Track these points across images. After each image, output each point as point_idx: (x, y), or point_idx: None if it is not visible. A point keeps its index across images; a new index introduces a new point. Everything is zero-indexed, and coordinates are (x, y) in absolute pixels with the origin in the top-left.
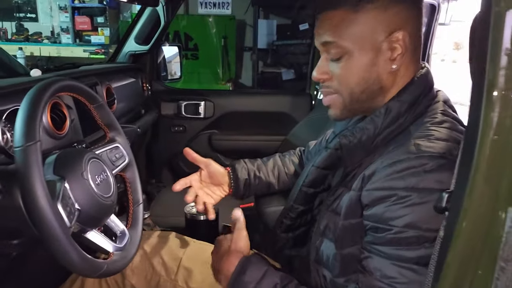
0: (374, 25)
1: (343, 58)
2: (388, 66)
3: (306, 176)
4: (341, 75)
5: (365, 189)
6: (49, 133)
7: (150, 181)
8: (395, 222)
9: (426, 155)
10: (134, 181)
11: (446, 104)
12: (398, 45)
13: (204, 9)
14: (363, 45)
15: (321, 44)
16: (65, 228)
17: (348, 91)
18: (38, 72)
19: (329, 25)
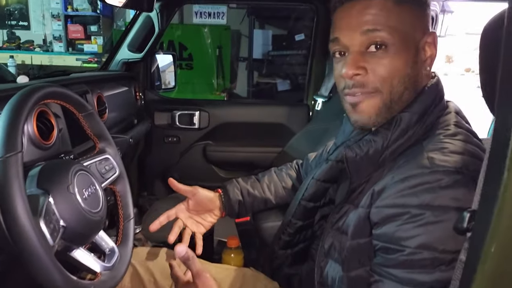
0: (414, 22)
1: (387, 50)
2: (424, 67)
3: (306, 190)
4: (383, 69)
5: (375, 206)
6: (34, 143)
7: (141, 194)
8: (408, 242)
9: (441, 170)
10: (125, 194)
11: (459, 115)
12: (431, 47)
13: (199, 19)
14: (407, 41)
15: (361, 33)
16: (47, 247)
17: (389, 88)
18: (25, 79)
19: (375, 12)
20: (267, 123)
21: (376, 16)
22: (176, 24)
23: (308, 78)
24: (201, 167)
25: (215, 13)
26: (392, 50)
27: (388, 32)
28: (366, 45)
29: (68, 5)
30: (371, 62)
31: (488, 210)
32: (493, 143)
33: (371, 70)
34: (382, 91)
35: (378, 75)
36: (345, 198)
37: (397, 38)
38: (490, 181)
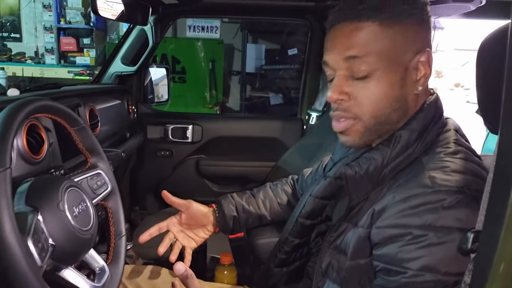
0: (405, 42)
1: (371, 76)
2: (414, 87)
3: (303, 207)
4: (367, 95)
5: (375, 226)
6: (24, 158)
7: (133, 208)
8: (410, 264)
9: (443, 190)
10: (116, 211)
11: (458, 132)
12: (423, 66)
13: (193, 33)
14: (392, 64)
15: (344, 59)
16: (35, 267)
17: (371, 114)
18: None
19: (356, 38)
20: (261, 137)
21: (361, 42)
22: (169, 37)
23: (302, 92)
24: (194, 181)
25: (209, 27)
26: (377, 75)
27: (373, 58)
28: (351, 71)
29: (61, 18)
30: (356, 87)
31: (494, 230)
32: (497, 162)
33: (354, 96)
34: (362, 118)
35: (360, 101)
36: (343, 216)
37: (382, 62)
38: (495, 201)
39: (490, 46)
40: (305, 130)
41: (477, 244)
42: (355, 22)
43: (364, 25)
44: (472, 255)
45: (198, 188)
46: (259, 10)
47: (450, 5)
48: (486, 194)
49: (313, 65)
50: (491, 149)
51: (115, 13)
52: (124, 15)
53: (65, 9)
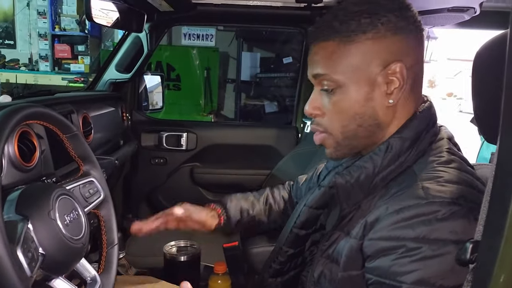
0: (369, 57)
1: (336, 92)
2: (385, 100)
3: (298, 217)
4: (333, 110)
5: (368, 238)
6: (15, 165)
7: (126, 216)
8: (404, 278)
9: (437, 201)
10: (109, 219)
11: (451, 141)
12: (395, 78)
13: (188, 41)
14: (357, 78)
15: (312, 76)
16: (24, 278)
17: (340, 129)
18: (7, 98)
19: (321, 57)
20: (256, 145)
21: (323, 60)
22: (164, 45)
23: (297, 100)
24: (188, 189)
25: (204, 35)
26: (341, 91)
27: (336, 75)
28: (319, 86)
29: (55, 25)
30: (326, 102)
31: (493, 241)
32: (497, 172)
33: (325, 111)
34: (331, 133)
35: (330, 117)
36: (335, 225)
37: (346, 78)
38: (495, 211)
39: (486, 56)
40: (299, 138)
41: (476, 254)
42: (319, 43)
43: (325, 45)
44: (471, 266)
45: (192, 196)
46: (254, 18)
47: (445, 15)
48: (485, 204)
49: None
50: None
51: (110, 20)
52: (119, 22)
53: (59, 16)
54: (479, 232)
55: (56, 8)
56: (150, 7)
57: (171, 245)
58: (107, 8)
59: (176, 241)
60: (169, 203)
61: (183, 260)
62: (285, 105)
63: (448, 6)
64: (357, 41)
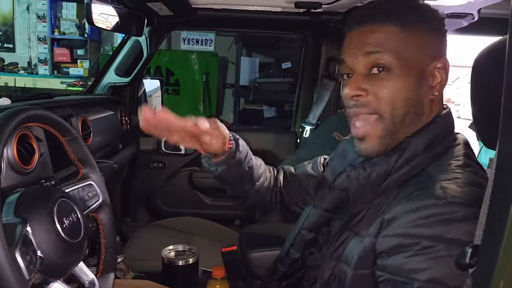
0: (423, 48)
1: (388, 73)
2: (430, 92)
3: (306, 218)
4: (384, 91)
5: (383, 234)
6: (13, 168)
7: (124, 220)
8: (418, 275)
9: (456, 202)
10: (107, 223)
11: (467, 147)
12: (439, 74)
13: (187, 45)
14: (410, 65)
15: (363, 54)
16: (22, 281)
17: (390, 111)
18: (7, 101)
19: (379, 37)
20: (255, 150)
21: (380, 40)
22: (164, 49)
23: (296, 105)
24: (186, 193)
25: (203, 40)
26: (394, 73)
27: (390, 55)
28: (369, 67)
29: (55, 29)
30: (373, 84)
31: (493, 245)
32: (496, 177)
33: (372, 92)
34: (382, 114)
35: (379, 96)
36: (344, 224)
37: (400, 61)
38: (494, 216)
39: (484, 61)
40: (298, 143)
41: (475, 259)
42: (373, 25)
43: (381, 27)
44: (470, 270)
45: (190, 200)
46: (254, 23)
47: None
48: (485, 209)
49: (307, 79)
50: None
51: (110, 24)
52: (119, 26)
53: (59, 20)
54: (479, 237)
55: (55, 12)
56: (150, 11)
57: (169, 250)
58: (108, 12)
59: (174, 246)
60: (167, 207)
61: (181, 264)
62: (284, 110)
63: (446, 12)
64: (416, 31)
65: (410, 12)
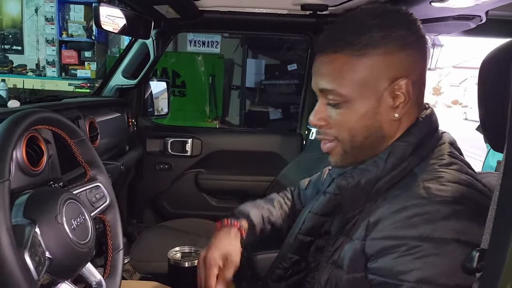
0: (377, 72)
1: (343, 105)
2: (391, 114)
3: (303, 223)
4: (341, 122)
5: (370, 237)
6: (22, 170)
7: (131, 222)
8: (406, 276)
9: (438, 200)
10: (115, 224)
11: (453, 146)
12: (401, 93)
13: (193, 47)
14: (364, 93)
15: (318, 90)
16: (31, 282)
17: (348, 138)
18: (16, 103)
19: (329, 70)
20: (260, 152)
21: (332, 73)
22: (170, 52)
23: (301, 107)
24: (192, 195)
25: (209, 42)
26: (348, 105)
27: (343, 90)
28: (325, 99)
29: (63, 31)
30: (332, 113)
31: (500, 249)
32: (504, 180)
33: (332, 121)
34: (340, 141)
35: (336, 127)
36: (339, 229)
37: (354, 93)
38: (501, 220)
39: (492, 63)
40: (304, 145)
41: (482, 263)
42: (328, 54)
43: (334, 57)
44: (477, 275)
45: (196, 202)
46: (260, 25)
47: (451, 23)
48: (492, 213)
49: None
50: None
51: (117, 26)
52: (127, 29)
53: (67, 23)
54: (486, 241)
55: (63, 15)
56: (157, 14)
57: (175, 251)
58: (115, 15)
59: (180, 247)
60: (173, 209)
61: (187, 266)
62: (290, 112)
63: (454, 14)
64: (367, 55)
65: (361, 36)
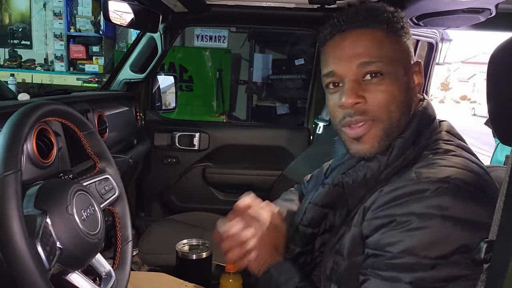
0: (406, 51)
1: (383, 78)
2: (414, 93)
3: (304, 214)
4: (380, 97)
5: (365, 219)
6: (33, 162)
7: (139, 215)
8: (392, 247)
9: (426, 181)
10: (124, 216)
11: (450, 132)
12: (416, 76)
13: (201, 42)
14: (400, 68)
15: (357, 65)
16: (43, 270)
17: (388, 115)
18: (26, 96)
19: (367, 43)
20: (268, 146)
21: (370, 48)
22: (177, 46)
23: (309, 102)
24: (200, 189)
25: (216, 36)
26: (388, 78)
27: (383, 62)
28: (362, 75)
29: (71, 26)
30: (369, 90)
31: (508, 240)
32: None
33: (370, 98)
34: (382, 118)
35: (377, 102)
36: (342, 220)
37: (392, 66)
38: (510, 211)
39: (501, 57)
40: (311, 140)
41: (490, 254)
42: (360, 29)
43: (370, 32)
44: (485, 265)
45: (204, 195)
46: (268, 19)
47: (460, 16)
48: (500, 204)
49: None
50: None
51: (125, 20)
52: (135, 22)
53: (75, 17)
54: (494, 232)
55: (71, 9)
56: (165, 7)
57: (183, 244)
58: (124, 9)
59: (188, 240)
60: (181, 202)
61: (195, 258)
62: (297, 106)
63: (463, 7)
64: (397, 34)
65: (391, 17)
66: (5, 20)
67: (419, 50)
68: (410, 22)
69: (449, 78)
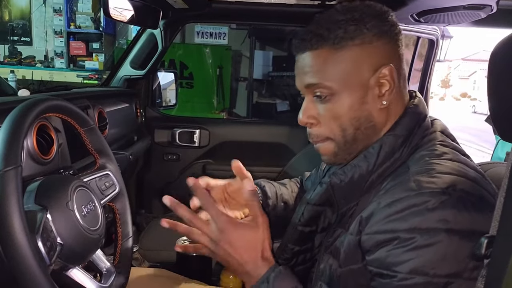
0: (359, 62)
1: (330, 99)
2: (378, 102)
3: (302, 214)
4: (330, 116)
5: (365, 233)
6: (33, 158)
7: (139, 212)
8: (399, 268)
9: (427, 192)
10: (124, 212)
11: (444, 133)
12: (386, 81)
13: (201, 39)
14: (349, 84)
15: (304, 86)
16: (43, 266)
17: (340, 133)
18: (26, 92)
19: (312, 66)
20: (268, 143)
21: (315, 69)
22: (177, 43)
23: None
24: None
25: (217, 33)
26: (337, 96)
27: (329, 83)
28: (312, 94)
29: (71, 23)
30: (319, 110)
31: (508, 236)
32: None
33: (321, 118)
34: (334, 138)
35: (327, 123)
36: (335, 222)
37: (339, 85)
38: (510, 207)
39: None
40: None
41: (491, 249)
42: (307, 52)
43: (315, 53)
44: (485, 261)
45: None
46: (268, 16)
47: (460, 12)
48: (501, 200)
49: None
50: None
51: (126, 16)
52: (135, 18)
53: (75, 14)
54: (494, 228)
55: (71, 6)
56: (166, 4)
57: (183, 240)
58: (124, 5)
59: None
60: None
61: (195, 255)
62: (297, 104)
63: (464, 3)
64: (346, 47)
65: (336, 31)
66: (5, 17)
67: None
68: (410, 19)
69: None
